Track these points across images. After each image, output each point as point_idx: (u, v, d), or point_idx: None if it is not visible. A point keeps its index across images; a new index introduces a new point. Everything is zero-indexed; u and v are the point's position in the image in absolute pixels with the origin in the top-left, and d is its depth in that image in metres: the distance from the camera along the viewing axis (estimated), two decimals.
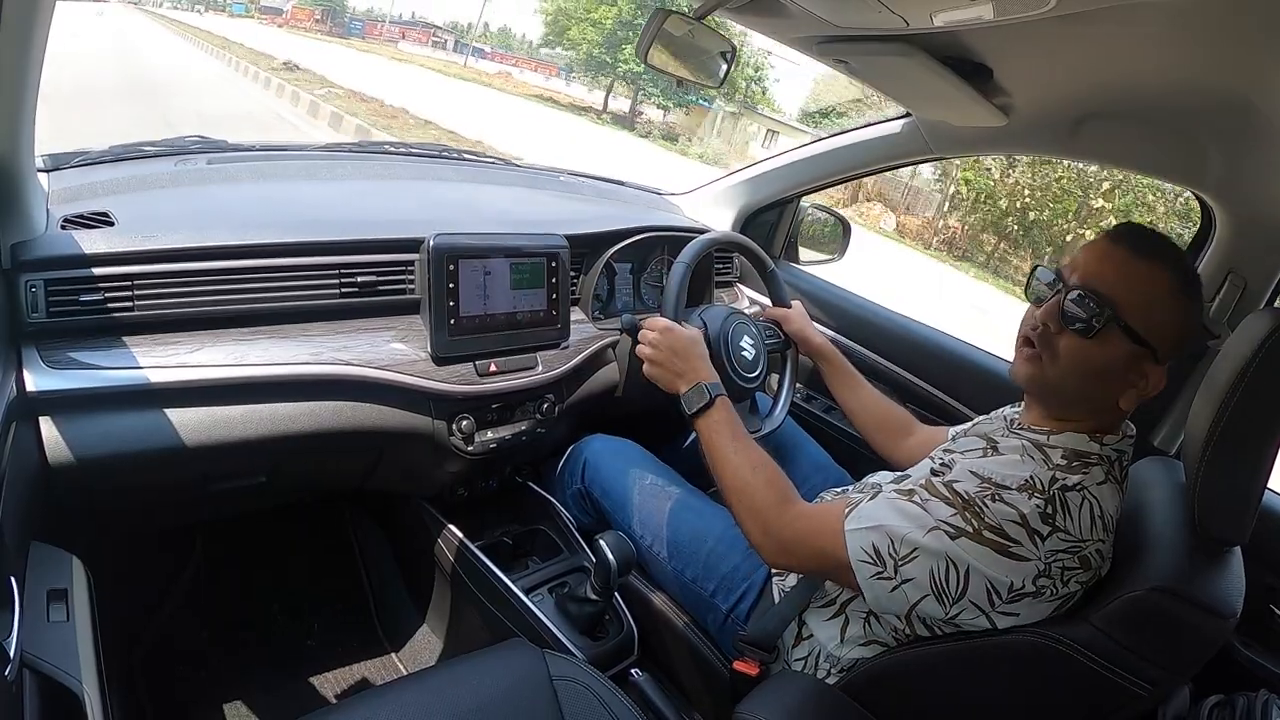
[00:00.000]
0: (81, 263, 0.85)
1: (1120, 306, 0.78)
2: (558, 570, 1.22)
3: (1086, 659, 0.74)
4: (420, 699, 0.80)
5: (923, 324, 1.58)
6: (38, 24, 0.65)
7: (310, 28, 36.93)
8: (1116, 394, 0.81)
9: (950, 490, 0.79)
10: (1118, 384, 0.80)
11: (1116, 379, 0.80)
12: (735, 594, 1.06)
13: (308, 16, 38.15)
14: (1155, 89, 0.94)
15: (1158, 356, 0.79)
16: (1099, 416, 0.83)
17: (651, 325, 1.11)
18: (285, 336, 0.99)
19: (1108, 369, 0.80)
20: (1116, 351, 0.79)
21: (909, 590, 0.79)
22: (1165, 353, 0.79)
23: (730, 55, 1.18)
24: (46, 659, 0.68)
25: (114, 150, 1.15)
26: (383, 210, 1.22)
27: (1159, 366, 0.79)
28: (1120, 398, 0.81)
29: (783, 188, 1.69)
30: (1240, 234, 1.12)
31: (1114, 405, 0.81)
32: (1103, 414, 0.83)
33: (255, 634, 1.38)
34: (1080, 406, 0.83)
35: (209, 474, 1.01)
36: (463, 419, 1.12)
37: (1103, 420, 0.83)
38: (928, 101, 1.26)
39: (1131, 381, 0.80)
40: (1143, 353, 0.79)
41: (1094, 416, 0.83)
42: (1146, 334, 0.78)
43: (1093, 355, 0.80)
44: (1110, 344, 0.79)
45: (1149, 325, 0.78)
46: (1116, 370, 0.80)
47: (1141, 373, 0.79)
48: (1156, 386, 0.80)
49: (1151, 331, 0.78)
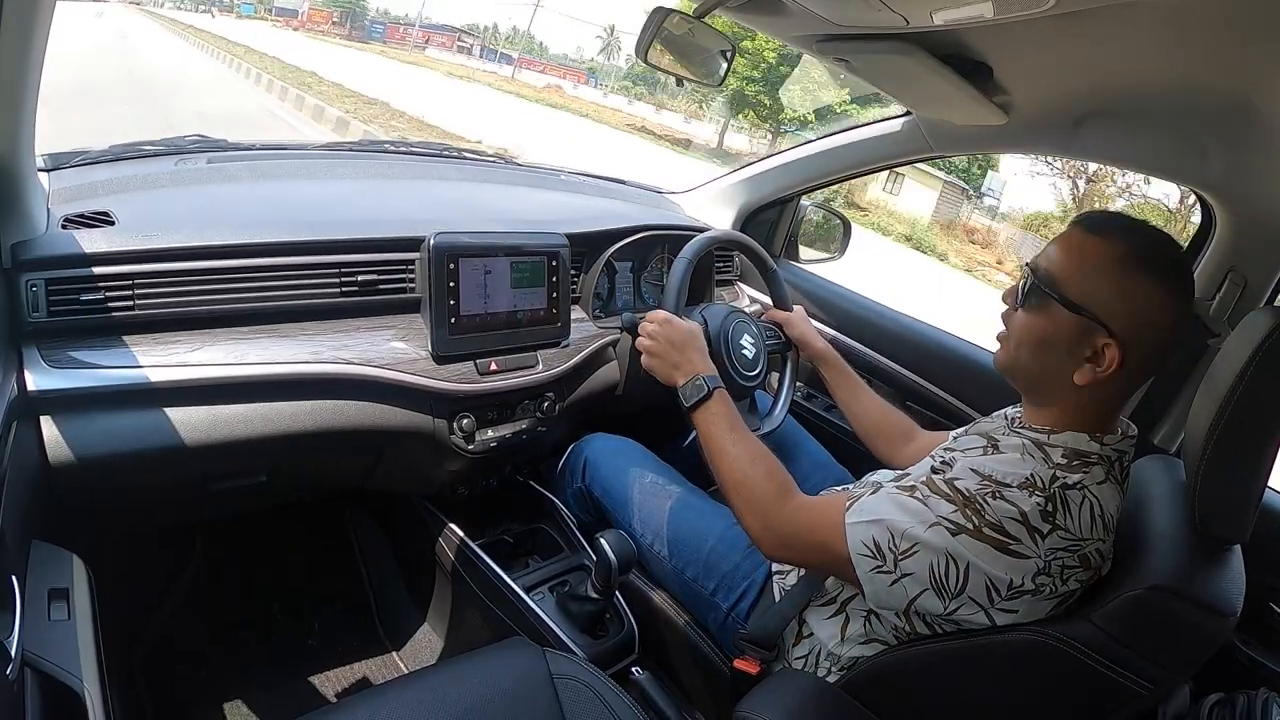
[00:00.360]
0: (82, 262, 0.85)
1: (1059, 278, 0.80)
2: (558, 569, 1.23)
3: (1087, 657, 0.74)
4: (421, 698, 0.81)
5: (925, 323, 1.58)
6: (38, 24, 0.65)
7: (328, 31, 36.21)
8: (1068, 369, 0.80)
9: (951, 487, 0.79)
10: (1065, 357, 0.80)
11: (1062, 352, 0.80)
12: (736, 592, 1.06)
13: (325, 19, 37.42)
14: (1155, 88, 0.94)
15: (1108, 329, 0.77)
16: (1073, 403, 0.82)
17: (651, 317, 1.12)
18: (285, 335, 0.99)
19: (1053, 340, 0.80)
20: (1055, 321, 0.80)
21: (908, 585, 0.79)
22: (1117, 325, 0.77)
23: (730, 54, 1.18)
24: (47, 658, 0.68)
25: (114, 150, 1.15)
26: (383, 209, 1.22)
27: (1113, 341, 0.77)
28: (1075, 373, 0.80)
29: (783, 186, 1.69)
30: (1240, 232, 1.12)
31: (1070, 382, 0.80)
32: (1068, 394, 0.82)
33: (256, 633, 1.38)
34: (1043, 386, 0.84)
35: (209, 473, 1.01)
36: (463, 417, 1.12)
37: (1084, 410, 0.82)
38: (928, 100, 1.26)
39: (1083, 355, 0.79)
40: (1085, 323, 0.78)
41: (1065, 401, 0.82)
42: (1085, 303, 0.78)
43: (1036, 327, 0.82)
44: (1052, 315, 0.80)
45: (1088, 295, 0.78)
46: (1062, 342, 0.80)
47: (1092, 346, 0.78)
48: (1112, 362, 0.78)
49: (1092, 301, 0.78)
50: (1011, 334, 0.86)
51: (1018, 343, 0.85)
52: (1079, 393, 0.81)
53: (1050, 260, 0.82)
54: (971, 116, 1.20)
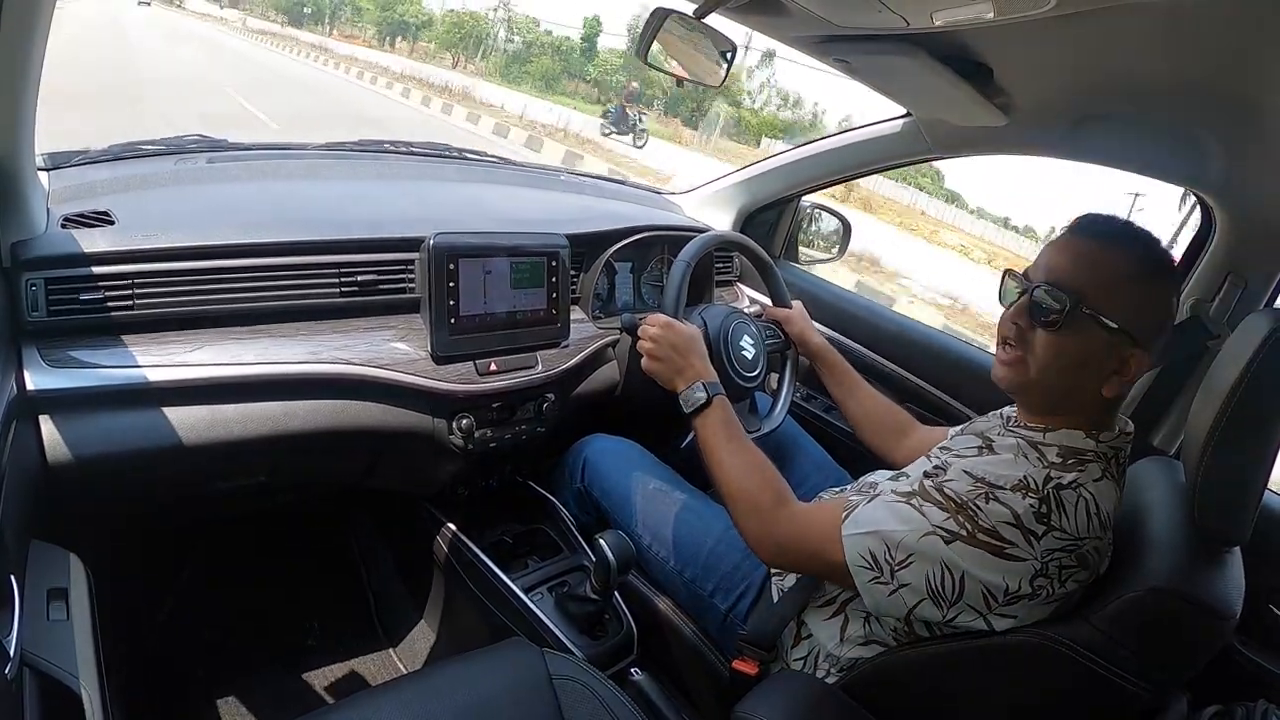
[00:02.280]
0: (81, 261, 0.86)
1: (1084, 294, 0.78)
2: (557, 569, 1.22)
3: (1086, 659, 0.74)
4: (420, 698, 0.81)
5: (923, 324, 1.58)
6: (38, 23, 0.65)
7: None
8: (1099, 383, 0.80)
9: (942, 493, 0.79)
10: (1098, 373, 0.80)
11: (1095, 367, 0.79)
12: (734, 593, 1.06)
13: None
14: (1155, 89, 0.94)
15: (1135, 340, 0.77)
16: (1088, 409, 0.82)
17: (652, 321, 1.11)
18: (285, 336, 0.99)
19: (1085, 359, 0.79)
20: (1090, 340, 0.78)
21: (906, 595, 0.79)
22: (1143, 336, 0.78)
23: (730, 55, 1.17)
24: (46, 658, 0.68)
25: (114, 149, 1.15)
26: (383, 209, 1.22)
27: (1139, 350, 0.78)
28: (1104, 386, 0.80)
29: (782, 187, 1.69)
30: (1240, 235, 1.12)
31: (1099, 395, 0.80)
32: (1090, 406, 0.82)
33: (255, 632, 1.38)
34: (1067, 401, 0.83)
35: (208, 473, 1.01)
36: (463, 418, 1.12)
37: (1093, 413, 0.82)
38: (928, 101, 1.25)
39: (1112, 368, 0.79)
40: (1116, 338, 0.78)
41: (1083, 410, 0.82)
42: (1115, 318, 0.77)
43: (1067, 347, 0.80)
44: (1082, 333, 0.78)
45: (1117, 309, 0.77)
46: (1094, 359, 0.79)
47: (1121, 358, 0.78)
48: (1140, 370, 0.78)
49: (1121, 315, 0.77)
50: (1035, 355, 0.82)
51: (1045, 365, 0.81)
52: (1098, 401, 0.81)
53: (1068, 275, 0.79)
54: (971, 117, 1.20)
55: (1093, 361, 0.79)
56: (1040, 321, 0.81)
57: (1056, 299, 0.79)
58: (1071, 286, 0.78)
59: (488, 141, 11.88)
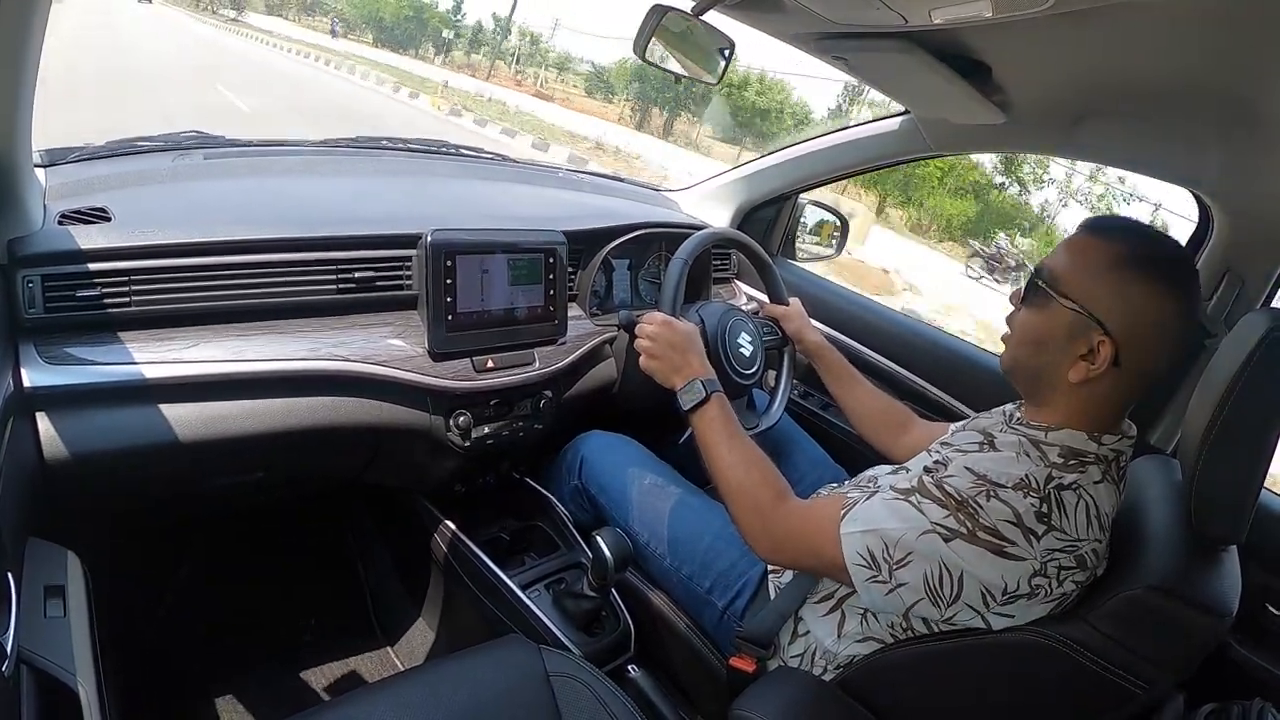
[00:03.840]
0: (79, 258, 0.85)
1: (1058, 276, 0.82)
2: (555, 566, 1.22)
3: (1082, 657, 0.74)
4: (417, 695, 0.81)
5: (921, 321, 1.58)
6: (35, 17, 0.64)
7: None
8: (1064, 365, 0.80)
9: (942, 490, 0.79)
10: (1060, 353, 0.81)
11: (1058, 348, 0.81)
12: (731, 590, 1.06)
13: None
14: (1154, 88, 0.94)
15: (1104, 327, 0.77)
16: (1074, 403, 0.82)
17: (649, 319, 1.11)
18: (282, 332, 0.99)
19: (1049, 336, 0.82)
20: (1052, 317, 0.81)
21: (904, 594, 0.79)
22: (1113, 324, 0.77)
23: (729, 51, 1.17)
24: (43, 655, 0.68)
25: (111, 145, 1.14)
26: (380, 206, 1.22)
27: (1108, 338, 0.77)
28: (1070, 369, 0.80)
29: (781, 184, 1.69)
30: (1238, 233, 1.12)
31: (1065, 380, 0.81)
32: (1061, 392, 0.82)
33: (252, 629, 1.38)
34: (1039, 384, 0.85)
35: (205, 469, 1.01)
36: (460, 415, 1.12)
37: (1084, 408, 0.82)
38: (926, 99, 1.25)
39: (1078, 352, 0.79)
40: (1081, 319, 0.78)
41: (1061, 399, 0.83)
42: (1082, 300, 0.79)
43: (1034, 323, 0.84)
44: (1044, 310, 0.82)
45: (1085, 292, 0.79)
46: (1057, 337, 0.81)
47: (1088, 343, 0.78)
48: (1106, 359, 0.78)
49: (1089, 298, 0.78)
50: (1013, 332, 0.89)
51: (1018, 340, 0.87)
52: (1075, 391, 0.81)
53: (1055, 261, 0.84)
54: (970, 115, 1.20)
55: (1055, 339, 0.81)
56: (1021, 301, 0.87)
57: (1035, 279, 0.84)
58: (1051, 269, 0.83)
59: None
